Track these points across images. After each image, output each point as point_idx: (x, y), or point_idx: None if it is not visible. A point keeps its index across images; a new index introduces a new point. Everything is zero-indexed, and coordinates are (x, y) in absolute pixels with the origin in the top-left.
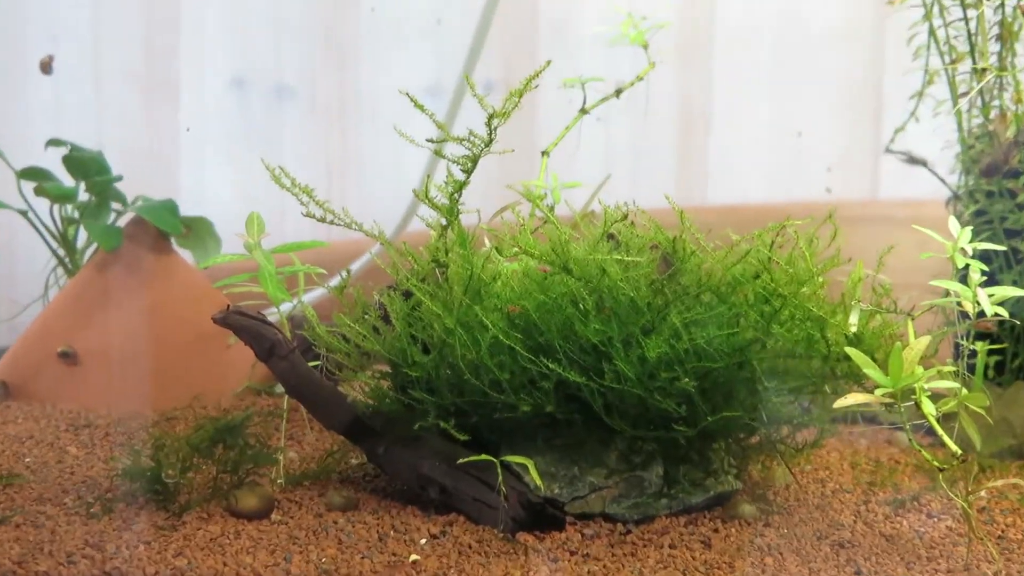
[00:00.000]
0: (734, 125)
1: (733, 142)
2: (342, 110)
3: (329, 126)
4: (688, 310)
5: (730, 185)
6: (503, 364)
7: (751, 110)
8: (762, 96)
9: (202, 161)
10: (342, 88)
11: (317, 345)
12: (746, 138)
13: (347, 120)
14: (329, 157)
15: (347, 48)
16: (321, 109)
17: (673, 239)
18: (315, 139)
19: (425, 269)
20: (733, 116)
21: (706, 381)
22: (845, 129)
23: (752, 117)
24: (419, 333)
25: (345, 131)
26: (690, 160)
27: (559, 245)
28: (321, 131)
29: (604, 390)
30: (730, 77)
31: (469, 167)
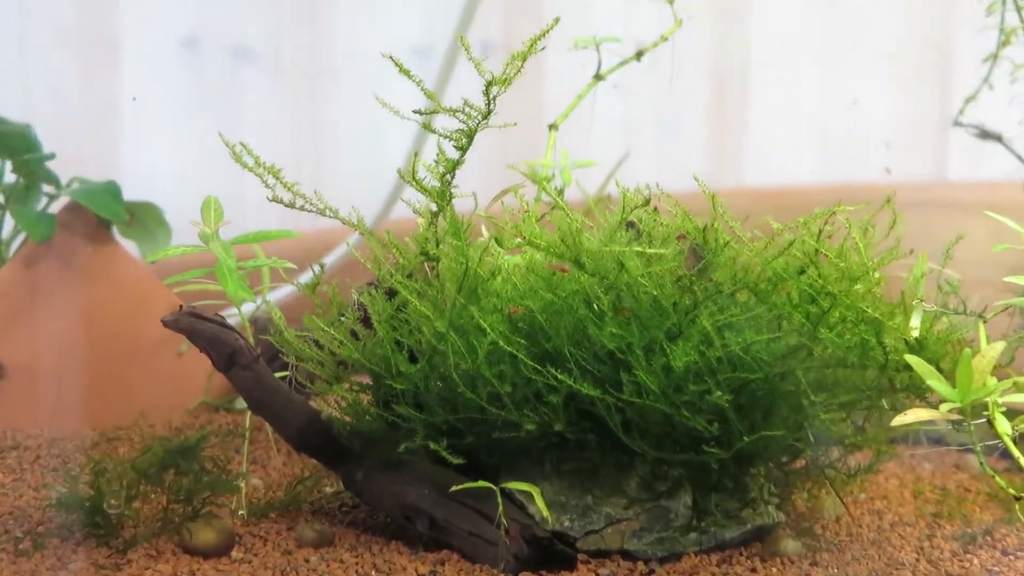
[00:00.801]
0: (776, 93)
1: (774, 113)
2: (313, 75)
3: (298, 94)
4: (721, 311)
5: (771, 164)
6: (504, 375)
7: (796, 75)
8: (809, 59)
9: (148, 136)
10: (313, 49)
11: (285, 352)
12: (790, 109)
13: (319, 87)
14: (298, 131)
15: (319, 1)
16: (288, 74)
17: (703, 228)
18: (282, 110)
19: (412, 263)
20: (775, 83)
21: (742, 395)
22: (907, 98)
23: (797, 84)
24: (405, 338)
25: (317, 100)
26: (724, 135)
27: (569, 235)
28: (289, 100)
29: (622, 405)
30: (771, 36)
31: (464, 143)
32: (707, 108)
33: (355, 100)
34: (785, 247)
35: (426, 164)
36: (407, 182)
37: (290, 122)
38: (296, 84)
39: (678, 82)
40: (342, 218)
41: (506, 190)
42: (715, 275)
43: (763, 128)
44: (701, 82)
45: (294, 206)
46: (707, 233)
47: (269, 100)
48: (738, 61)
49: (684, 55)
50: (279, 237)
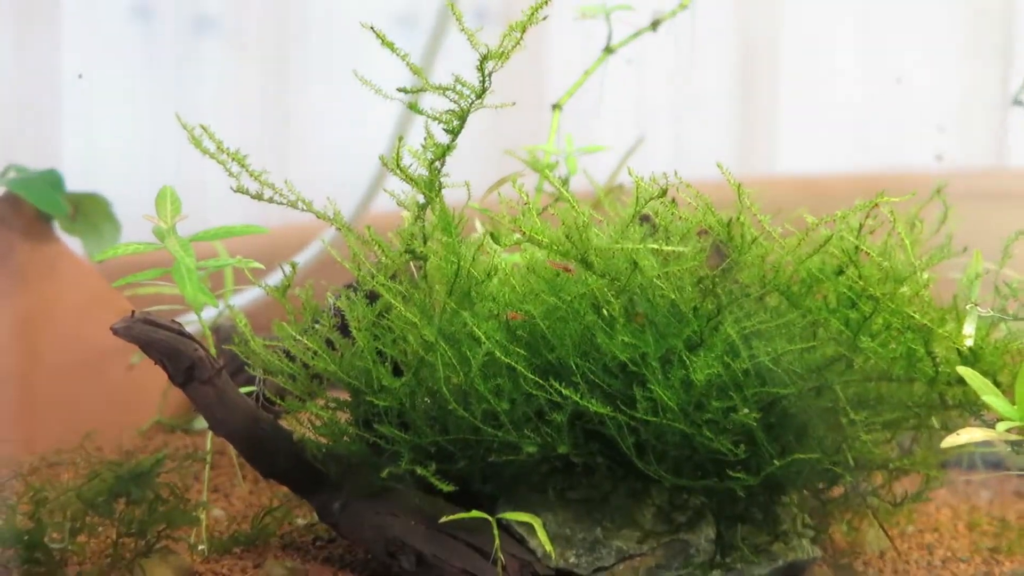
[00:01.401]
0: (810, 69)
1: (809, 92)
2: (283, 48)
3: (266, 70)
4: (748, 317)
5: (805, 150)
6: (501, 390)
7: (833, 48)
8: (848, 28)
9: (95, 118)
10: (282, 18)
11: (251, 365)
12: (826, 86)
13: (289, 62)
14: (266, 112)
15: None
16: (254, 47)
17: (728, 222)
18: (247, 88)
19: (396, 262)
20: (809, 57)
21: (772, 412)
22: (962, 74)
23: (834, 58)
24: (388, 348)
25: (287, 77)
26: (752, 116)
27: (576, 230)
28: (255, 77)
29: (636, 424)
30: (804, 4)
31: (455, 126)
32: (732, 86)
33: (331, 76)
34: (821, 244)
35: (412, 150)
36: (390, 170)
37: (257, 101)
38: (264, 58)
39: (699, 56)
40: (316, 211)
41: (503, 179)
42: (741, 276)
43: (796, 109)
44: (726, 56)
45: (261, 197)
46: (732, 228)
47: (233, 76)
48: (767, 32)
49: (706, 25)
50: (244, 233)
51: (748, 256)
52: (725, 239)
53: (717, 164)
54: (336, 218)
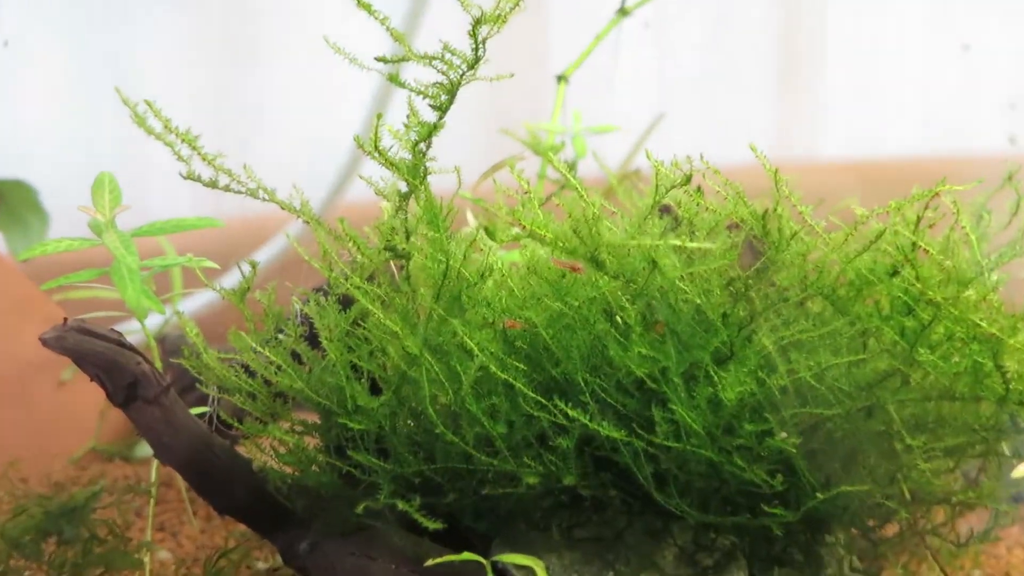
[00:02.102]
0: (863, 35)
1: (859, 62)
2: (243, 15)
3: (224, 35)
4: (786, 326)
5: (854, 129)
6: (496, 411)
7: (890, 11)
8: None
9: (19, 93)
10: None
11: (204, 381)
12: (881, 56)
13: (247, 26)
14: (222, 85)
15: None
16: (210, 12)
17: (763, 214)
18: (200, 58)
19: (374, 261)
20: (862, 20)
21: (815, 437)
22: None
23: (891, 22)
24: (364, 362)
25: (247, 47)
26: (793, 89)
27: (584, 224)
28: (210, 44)
29: (655, 451)
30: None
31: (443, 102)
32: (770, 54)
33: (297, 45)
34: (872, 240)
35: (392, 130)
36: (367, 153)
37: (211, 74)
38: (219, 22)
39: (731, 19)
40: (280, 201)
41: (499, 164)
42: (778, 277)
43: (844, 81)
44: (762, 19)
45: (216, 185)
46: (768, 221)
47: (183, 45)
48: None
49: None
50: (196, 227)
51: (787, 254)
52: (760, 234)
53: (750, 146)
54: (303, 209)
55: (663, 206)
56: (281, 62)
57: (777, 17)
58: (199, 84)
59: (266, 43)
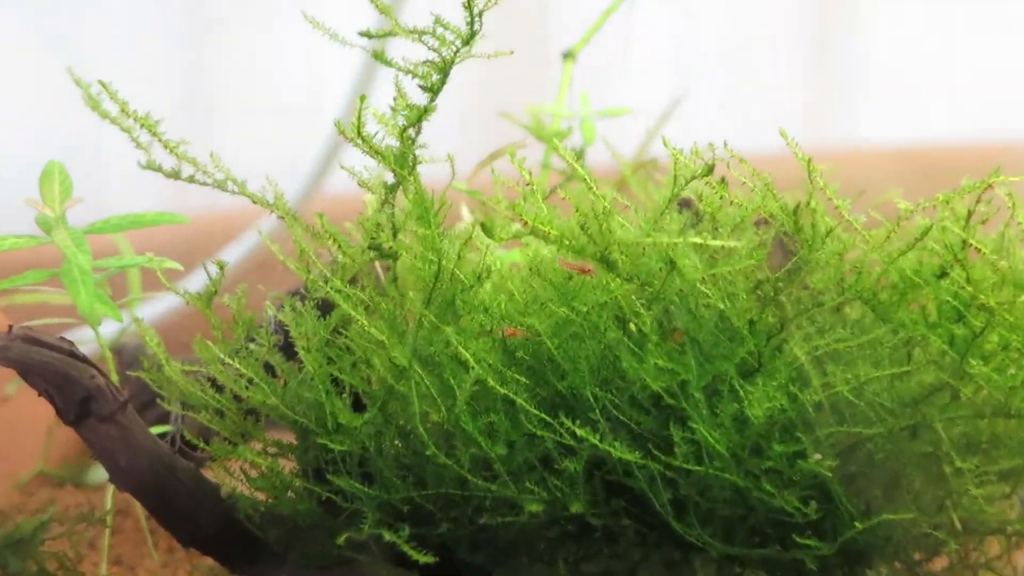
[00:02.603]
0: (905, 5)
1: (904, 36)
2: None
3: (188, 8)
4: (821, 334)
5: (897, 111)
6: (495, 430)
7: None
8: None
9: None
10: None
11: (166, 397)
12: (928, 28)
13: (217, 3)
14: (185, 64)
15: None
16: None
17: (795, 208)
18: (160, 32)
19: (357, 262)
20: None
21: (853, 459)
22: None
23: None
24: (346, 375)
25: (212, 17)
26: (827, 68)
27: (594, 219)
28: (171, 17)
29: (674, 475)
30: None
31: (435, 82)
32: (802, 28)
33: (270, 18)
34: (918, 237)
35: (378, 114)
36: (349, 140)
37: (173, 51)
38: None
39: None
40: (251, 194)
41: (498, 152)
42: (812, 279)
43: (885, 58)
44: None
45: (179, 176)
46: (800, 216)
47: (141, 19)
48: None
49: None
50: (157, 223)
51: (821, 253)
52: (791, 231)
53: (780, 131)
54: (277, 203)
55: (682, 199)
56: (252, 38)
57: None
58: (160, 63)
59: (235, 17)
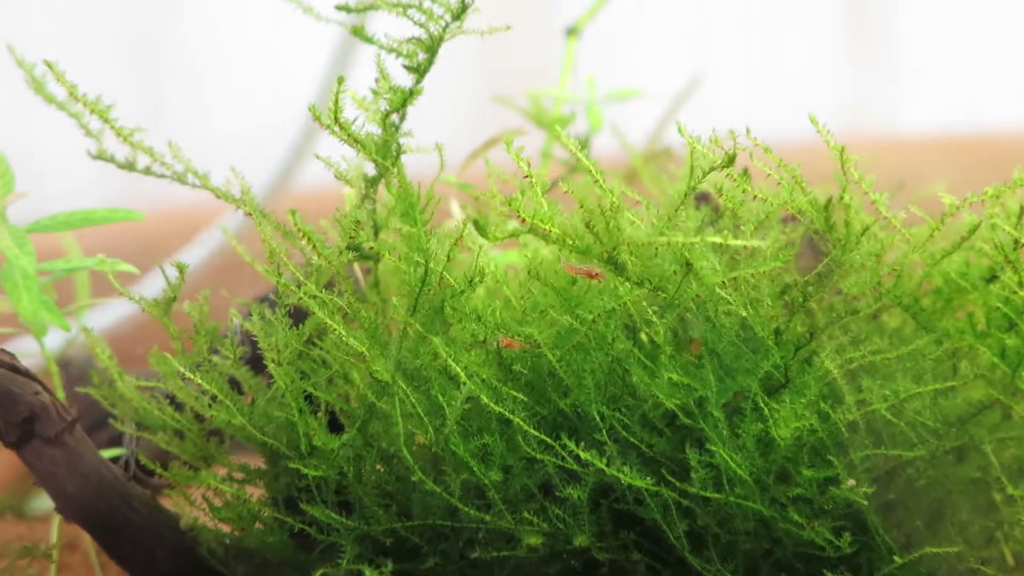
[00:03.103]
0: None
1: (951, 8)
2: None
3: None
4: (856, 345)
5: (943, 94)
6: (489, 453)
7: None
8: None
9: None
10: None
11: (119, 416)
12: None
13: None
14: (140, 42)
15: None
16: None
17: (826, 203)
18: (112, 6)
19: (334, 264)
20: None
21: (892, 486)
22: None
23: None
24: (322, 393)
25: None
26: (864, 44)
27: (600, 216)
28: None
29: (690, 504)
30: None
31: (421, 62)
32: (835, 0)
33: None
34: (964, 236)
35: (357, 97)
36: (324, 127)
37: (127, 27)
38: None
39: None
40: (214, 188)
41: (492, 140)
42: (845, 283)
43: (930, 34)
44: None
45: (133, 168)
46: (832, 212)
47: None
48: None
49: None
50: (109, 221)
51: (856, 254)
52: (822, 229)
53: (810, 117)
54: (244, 198)
55: (700, 193)
56: (215, 12)
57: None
58: (112, 41)
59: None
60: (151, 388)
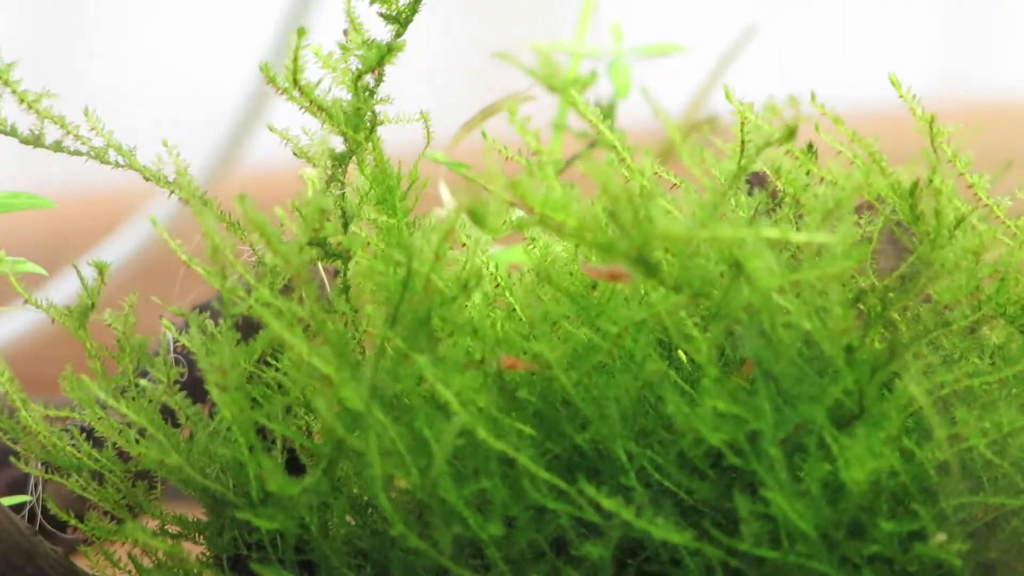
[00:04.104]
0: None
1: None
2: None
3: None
4: (948, 366)
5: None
6: (488, 502)
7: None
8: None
9: None
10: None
11: (21, 454)
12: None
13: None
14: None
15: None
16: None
17: (912, 188)
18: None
19: (293, 263)
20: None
21: (994, 542)
22: None
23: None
24: (277, 425)
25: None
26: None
27: (627, 204)
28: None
29: (739, 565)
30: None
31: (403, 9)
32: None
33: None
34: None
35: (321, 54)
36: (280, 91)
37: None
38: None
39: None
40: (142, 168)
41: (491, 108)
42: (935, 288)
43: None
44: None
45: (42, 143)
46: (919, 199)
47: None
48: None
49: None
50: (10, 209)
51: (949, 251)
52: (906, 220)
53: (890, 78)
54: (180, 180)
55: (753, 175)
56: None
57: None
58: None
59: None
60: (63, 419)
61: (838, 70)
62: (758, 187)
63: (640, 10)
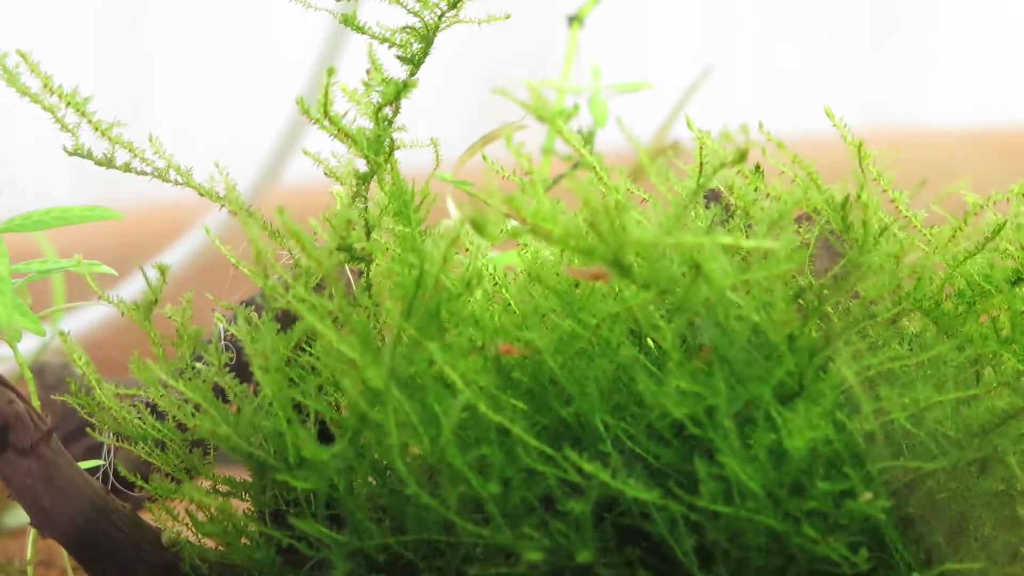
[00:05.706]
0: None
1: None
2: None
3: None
4: (874, 351)
5: (973, 86)
6: (488, 465)
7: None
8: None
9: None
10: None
11: (96, 425)
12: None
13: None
14: (118, 28)
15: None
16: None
17: (843, 202)
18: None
19: (324, 265)
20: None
21: (912, 500)
22: None
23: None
24: (311, 401)
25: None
26: (889, 32)
27: (605, 214)
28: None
29: (699, 518)
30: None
31: (416, 52)
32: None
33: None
34: (988, 236)
35: (348, 90)
36: (313, 121)
37: (103, 17)
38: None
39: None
40: (198, 185)
41: (491, 135)
42: (863, 286)
43: (960, 21)
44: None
45: (112, 164)
46: (849, 211)
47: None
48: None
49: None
50: (86, 220)
51: (875, 255)
52: (838, 228)
53: (825, 110)
54: (229, 195)
55: (710, 191)
56: (198, 1)
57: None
58: (89, 31)
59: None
60: (131, 396)
61: (781, 102)
62: (714, 202)
63: (615, 53)
